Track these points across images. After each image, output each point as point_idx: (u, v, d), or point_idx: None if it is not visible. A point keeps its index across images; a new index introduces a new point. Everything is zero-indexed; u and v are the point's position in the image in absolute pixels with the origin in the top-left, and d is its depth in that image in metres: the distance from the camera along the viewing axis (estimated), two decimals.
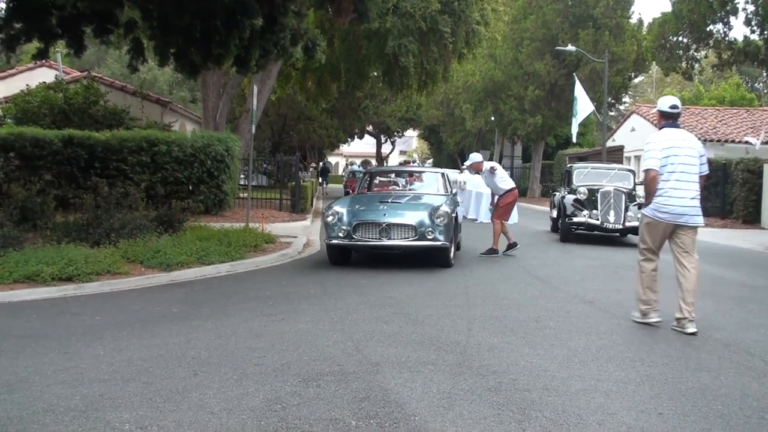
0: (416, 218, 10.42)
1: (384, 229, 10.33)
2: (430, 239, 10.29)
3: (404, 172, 15.51)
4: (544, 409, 4.43)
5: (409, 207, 10.94)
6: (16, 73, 26.73)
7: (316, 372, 5.10)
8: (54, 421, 4.08)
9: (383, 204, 10.99)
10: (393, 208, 10.75)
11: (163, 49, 12.32)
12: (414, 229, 10.31)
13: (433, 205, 10.78)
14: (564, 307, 7.89)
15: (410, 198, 11.79)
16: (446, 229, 10.37)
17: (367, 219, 10.47)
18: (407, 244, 10.38)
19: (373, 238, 10.40)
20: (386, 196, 12.04)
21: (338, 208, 10.70)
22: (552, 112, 35.69)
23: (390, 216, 10.46)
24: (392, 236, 10.34)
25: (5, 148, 14.79)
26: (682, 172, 6.89)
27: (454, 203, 11.70)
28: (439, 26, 21.76)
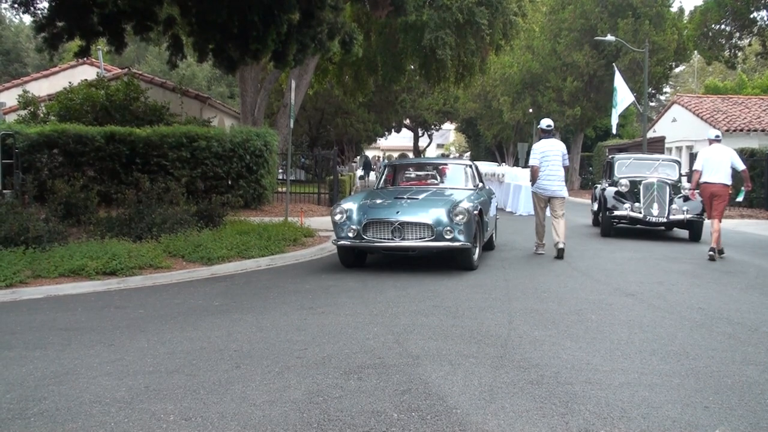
0: (433, 216, 9.40)
1: (397, 228, 9.36)
2: (448, 239, 9.27)
3: (427, 164, 13.66)
4: (587, 402, 4.39)
5: (426, 204, 9.82)
6: (58, 71, 27.16)
7: (357, 365, 5.11)
8: (101, 411, 4.14)
9: (398, 200, 9.97)
10: (408, 206, 9.74)
11: (201, 45, 12.43)
12: (430, 229, 9.32)
13: (453, 201, 9.77)
14: (605, 300, 7.80)
15: (430, 193, 10.55)
16: (467, 228, 9.32)
17: (378, 217, 9.49)
18: (423, 245, 9.38)
19: (385, 239, 9.44)
20: (404, 191, 10.77)
21: (347, 205, 9.82)
22: (591, 103, 35.28)
23: (403, 214, 9.46)
24: (406, 236, 9.38)
25: (49, 144, 15.04)
26: (551, 166, 11.63)
27: (482, 198, 10.65)
28: (476, 18, 21.59)
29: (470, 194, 10.45)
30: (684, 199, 14.08)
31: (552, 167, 11.56)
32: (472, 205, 9.68)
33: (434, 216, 9.41)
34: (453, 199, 9.88)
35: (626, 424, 4.04)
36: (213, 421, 4.00)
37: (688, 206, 13.88)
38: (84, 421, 4.00)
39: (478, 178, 11.89)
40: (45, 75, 27.64)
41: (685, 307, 7.46)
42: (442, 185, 11.66)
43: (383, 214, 9.52)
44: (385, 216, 9.48)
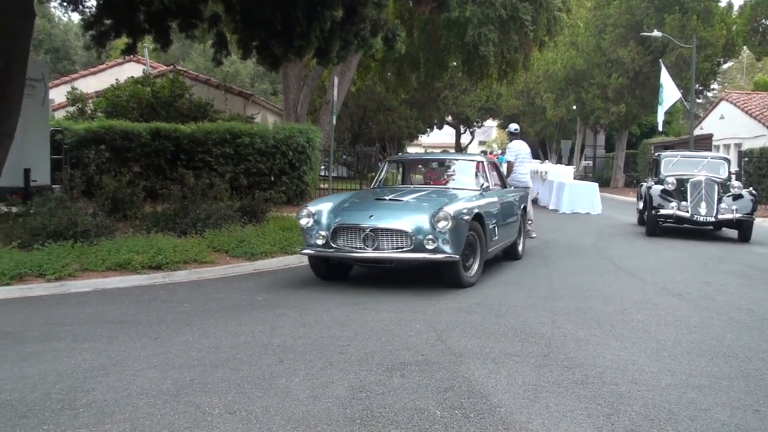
0: (412, 222, 7.90)
1: (369, 236, 7.90)
2: (429, 250, 7.74)
3: (432, 160, 12.25)
4: (633, 403, 4.32)
5: (407, 207, 8.36)
6: (105, 69, 27.65)
7: (399, 361, 5.10)
8: (147, 404, 4.19)
9: (379, 202, 8.59)
10: (385, 209, 8.31)
11: (245, 42, 12.51)
12: (408, 237, 7.82)
13: (440, 204, 8.22)
14: (651, 300, 7.69)
15: (420, 194, 9.07)
16: (454, 237, 7.78)
17: (348, 222, 8.11)
18: (399, 257, 7.85)
19: (355, 248, 8.00)
20: (391, 191, 9.40)
21: (316, 207, 8.47)
22: (636, 100, 34.76)
23: (377, 219, 8.02)
24: (381, 245, 7.89)
25: (97, 140, 15.31)
26: (522, 163, 13.79)
27: (487, 201, 9.12)
28: (519, 14, 21.41)
29: (470, 196, 8.94)
30: (733, 198, 13.78)
31: (525, 163, 13.98)
32: (465, 210, 8.12)
33: (413, 222, 7.92)
34: (441, 202, 8.31)
35: (674, 426, 3.97)
36: (257, 415, 4.02)
37: (738, 205, 13.59)
38: (131, 412, 4.05)
39: (497, 177, 10.82)
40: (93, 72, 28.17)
41: (734, 308, 7.32)
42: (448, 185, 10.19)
43: (354, 219, 8.15)
44: (356, 221, 8.08)
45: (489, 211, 8.91)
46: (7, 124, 10.55)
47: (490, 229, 8.79)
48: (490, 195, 9.46)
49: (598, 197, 20.65)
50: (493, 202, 9.30)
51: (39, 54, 43.49)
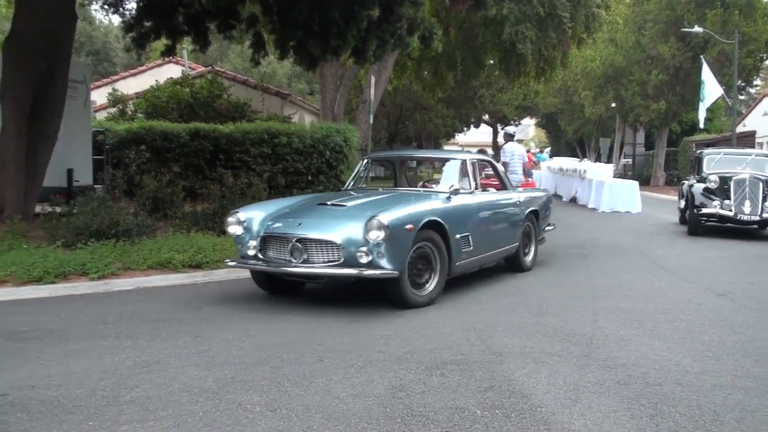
0: (343, 232, 6.79)
1: (296, 246, 6.87)
2: (363, 264, 6.61)
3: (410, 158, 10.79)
4: (677, 404, 4.26)
5: (346, 214, 7.22)
6: (145, 70, 28.01)
7: (439, 360, 5.08)
8: (189, 401, 4.23)
9: (320, 207, 7.59)
10: (320, 216, 7.30)
11: (283, 43, 12.60)
12: (338, 249, 6.73)
13: (382, 209, 6.93)
14: (695, 299, 7.57)
15: (376, 198, 7.93)
16: (391, 251, 6.61)
17: (276, 231, 7.13)
18: (329, 272, 6.77)
19: (282, 260, 7.00)
20: (346, 195, 8.51)
21: (248, 213, 7.51)
22: (677, 97, 34.25)
23: (306, 227, 7.00)
24: (310, 258, 6.84)
25: (137, 141, 15.49)
26: (518, 163, 14.45)
27: (453, 207, 7.77)
28: (557, 11, 21.22)
29: (428, 200, 7.71)
30: None
31: (518, 164, 14.60)
32: (406, 217, 6.87)
33: (345, 232, 6.81)
34: (383, 208, 7.00)
35: (719, 428, 3.90)
36: (298, 413, 4.04)
37: None
38: (174, 409, 4.09)
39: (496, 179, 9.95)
40: (133, 74, 28.56)
41: None
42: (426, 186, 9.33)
43: (282, 227, 7.16)
44: (284, 230, 7.09)
45: (457, 218, 7.62)
46: (51, 126, 10.75)
47: (457, 239, 7.49)
48: (465, 199, 8.08)
49: (638, 196, 20.40)
50: (465, 207, 7.98)
51: (80, 56, 44.19)
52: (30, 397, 4.29)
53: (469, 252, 7.83)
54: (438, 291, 7.26)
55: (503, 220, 8.94)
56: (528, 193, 10.41)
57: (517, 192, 9.81)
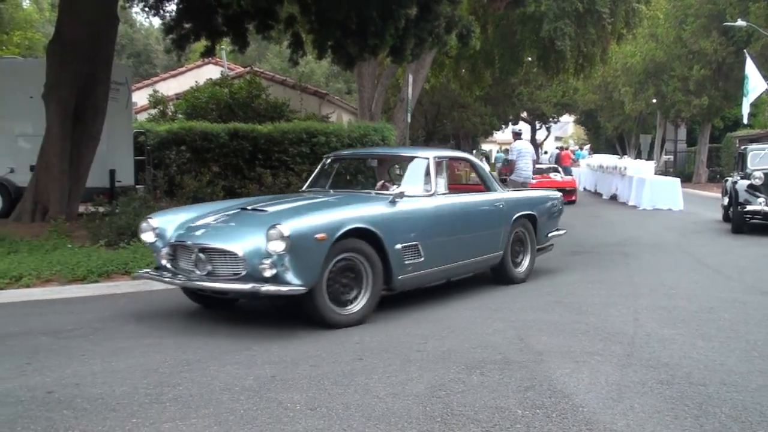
0: (247, 241, 5.98)
1: (199, 257, 6.11)
2: (268, 278, 5.78)
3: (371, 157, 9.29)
4: (722, 405, 4.18)
5: (258, 221, 6.27)
6: (185, 71, 28.33)
7: (478, 360, 5.06)
8: (230, 399, 4.27)
9: (242, 213, 6.78)
10: (231, 222, 6.58)
11: (321, 42, 12.66)
12: (240, 261, 5.91)
13: (290, 216, 6.18)
14: (739, 298, 7.43)
15: (306, 202, 7.05)
16: (297, 262, 5.76)
17: (179, 239, 6.40)
18: (230, 287, 5.98)
19: (186, 272, 6.28)
20: (287, 197, 7.95)
21: (162, 218, 6.76)
22: (719, 92, 33.66)
23: (209, 235, 6.30)
24: (215, 270, 6.06)
25: (177, 141, 15.68)
26: (525, 160, 14.45)
27: (396, 211, 6.78)
28: (596, 7, 20.99)
29: (358, 205, 6.80)
30: None
31: (526, 161, 14.55)
32: (316, 225, 5.97)
33: (249, 242, 5.98)
34: (295, 216, 6.20)
35: (766, 429, 3.83)
36: (338, 412, 4.05)
37: None
38: (215, 407, 4.13)
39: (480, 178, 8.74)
40: (173, 75, 28.92)
41: None
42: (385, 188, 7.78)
43: (185, 234, 6.43)
44: (187, 238, 6.36)
45: (399, 225, 6.68)
46: (94, 127, 10.93)
47: (398, 250, 6.52)
48: (417, 203, 7.07)
49: (679, 193, 20.10)
50: (415, 212, 6.96)
51: (122, 58, 44.86)
52: (75, 394, 4.36)
53: (420, 264, 6.80)
54: (369, 309, 6.29)
55: (478, 225, 7.83)
56: (520, 194, 9.22)
57: (502, 193, 8.45)
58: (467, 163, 9.19)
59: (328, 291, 6.05)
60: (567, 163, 29.18)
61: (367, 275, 6.33)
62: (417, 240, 6.79)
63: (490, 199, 8.22)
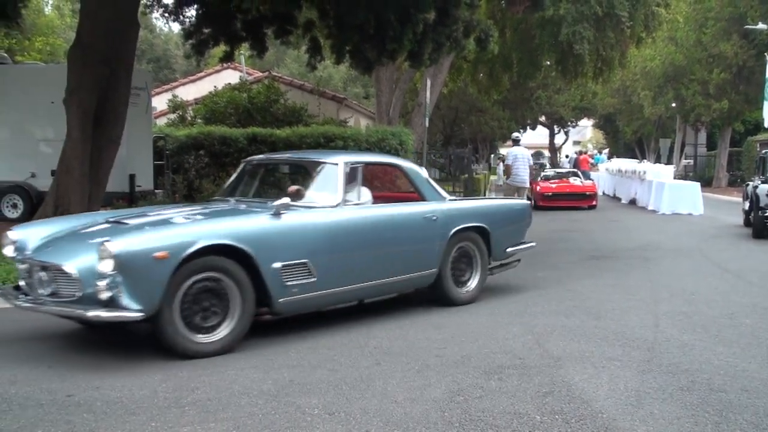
0: (82, 260, 5.25)
1: (41, 277, 5.46)
2: (102, 302, 5.04)
3: (282, 163, 8.06)
4: (743, 411, 4.14)
5: (100, 236, 5.45)
6: (204, 76, 28.49)
7: (497, 365, 5.05)
8: (249, 403, 4.28)
9: (105, 225, 6.01)
10: (83, 237, 5.79)
11: (339, 47, 12.68)
12: (76, 281, 5.20)
13: (127, 234, 5.48)
14: (761, 304, 7.36)
15: (172, 214, 6.26)
16: (134, 285, 5.02)
17: (26, 255, 5.70)
18: (66, 311, 5.34)
19: (36, 292, 5.54)
20: (155, 209, 6.96)
21: (24, 230, 6.10)
22: (740, 96, 33.38)
23: (52, 252, 5.58)
24: (58, 291, 5.35)
25: (196, 146, 15.77)
26: (520, 166, 15.31)
27: (277, 224, 5.91)
28: (615, 10, 20.88)
29: (237, 219, 6.05)
30: None
31: (521, 166, 15.34)
32: (162, 243, 5.22)
33: (82, 259, 5.26)
34: (132, 230, 5.61)
35: None
36: (356, 417, 4.05)
37: None
38: (233, 411, 4.15)
39: (412, 185, 7.48)
40: (192, 80, 29.08)
41: None
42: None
43: (36, 250, 5.71)
44: (35, 253, 5.67)
45: (281, 241, 5.84)
46: (114, 131, 11.00)
47: (277, 269, 5.69)
48: (311, 216, 6.22)
49: (699, 197, 19.93)
50: (305, 226, 6.11)
51: (142, 63, 45.19)
52: (95, 397, 4.39)
53: (311, 284, 5.94)
54: (236, 336, 5.51)
55: (400, 240, 6.89)
56: (466, 204, 8.14)
57: (439, 203, 7.34)
58: (396, 169, 7.87)
59: (183, 316, 5.26)
60: (585, 167, 29.01)
61: (234, 299, 5.49)
62: (307, 257, 5.92)
63: (420, 211, 7.12)
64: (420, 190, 7.42)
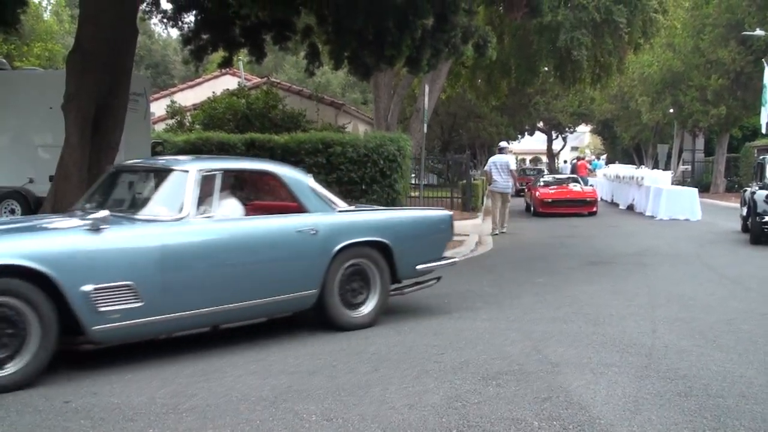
0: None
1: None
2: None
3: (136, 169, 6.92)
4: (741, 417, 4.15)
5: None
6: (202, 82, 28.52)
7: (495, 371, 5.05)
8: (247, 409, 4.29)
9: None
10: None
11: (337, 53, 12.68)
12: None
13: None
14: (758, 309, 7.37)
15: None
16: None
17: None
18: None
19: None
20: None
21: None
22: (738, 102, 33.44)
23: None
24: None
25: (195, 151, 15.73)
26: (499, 172, 15.81)
27: (92, 242, 5.16)
28: (613, 17, 20.90)
29: (31, 234, 5.46)
30: None
31: (500, 173, 15.89)
32: None
33: None
34: None
35: None
36: (354, 423, 4.05)
37: None
38: (231, 417, 4.15)
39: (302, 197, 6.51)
40: (190, 86, 29.12)
41: None
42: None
43: None
44: None
45: (94, 261, 5.11)
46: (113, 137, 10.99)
47: (86, 292, 4.95)
48: (136, 231, 5.52)
49: (697, 203, 19.95)
50: (126, 243, 5.38)
51: (140, 69, 45.21)
52: (92, 404, 4.39)
53: (136, 310, 5.20)
54: (32, 371, 4.77)
55: (264, 257, 6.08)
56: (360, 216, 7.05)
57: (323, 215, 6.46)
58: (270, 177, 6.94)
59: None
60: (583, 173, 29.06)
61: (28, 329, 4.77)
62: (131, 279, 5.20)
63: (294, 224, 6.27)
64: (299, 200, 6.51)
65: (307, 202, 6.49)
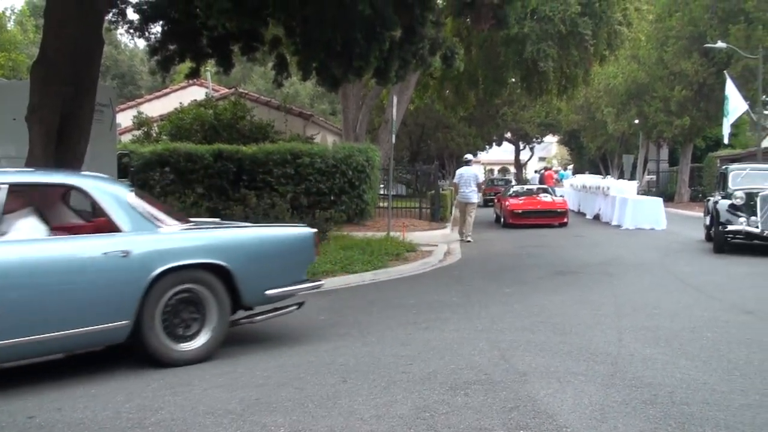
0: None
1: None
2: None
3: None
4: (704, 424, 4.20)
5: None
6: (170, 92, 28.34)
7: (463, 381, 5.06)
8: (214, 423, 4.25)
9: None
10: None
11: (305, 64, 12.68)
12: None
13: None
14: (721, 317, 7.47)
15: None
16: None
17: None
18: None
19: None
20: None
21: None
22: (701, 112, 34.00)
23: None
24: None
25: (161, 163, 15.67)
26: (466, 183, 16.67)
27: None
28: (579, 29, 21.18)
29: None
30: None
31: (466, 183, 16.77)
32: None
33: None
34: None
35: None
36: None
37: None
38: (198, 431, 4.11)
39: (113, 214, 5.66)
40: (157, 96, 28.91)
41: None
42: None
43: None
44: None
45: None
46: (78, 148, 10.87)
47: None
48: None
49: (662, 212, 20.21)
50: None
51: (106, 80, 44.81)
52: (57, 419, 4.33)
53: None
54: None
55: (53, 284, 5.19)
56: (191, 234, 6.10)
57: (139, 235, 5.65)
58: (76, 191, 6.07)
59: None
60: (550, 183, 29.31)
61: None
62: None
63: (100, 245, 5.45)
64: (111, 218, 5.67)
65: (120, 221, 5.66)
